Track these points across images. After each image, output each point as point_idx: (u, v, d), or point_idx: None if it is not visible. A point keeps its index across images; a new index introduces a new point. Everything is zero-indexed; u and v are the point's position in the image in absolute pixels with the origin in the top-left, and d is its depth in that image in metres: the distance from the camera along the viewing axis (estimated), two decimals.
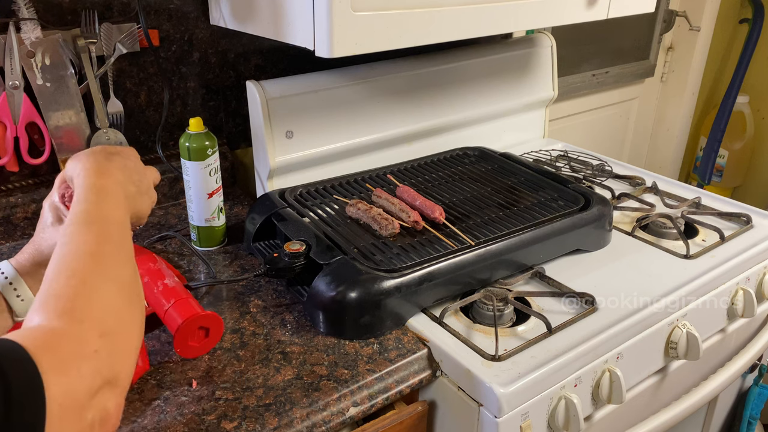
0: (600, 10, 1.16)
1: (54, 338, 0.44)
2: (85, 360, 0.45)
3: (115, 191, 0.61)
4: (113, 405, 0.46)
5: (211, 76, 1.20)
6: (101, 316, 0.49)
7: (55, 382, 0.41)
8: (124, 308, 0.52)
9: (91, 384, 0.44)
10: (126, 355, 0.50)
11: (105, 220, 0.58)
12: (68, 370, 0.43)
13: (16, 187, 1.06)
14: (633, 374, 0.92)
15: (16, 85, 0.97)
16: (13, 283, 0.65)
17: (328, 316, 0.87)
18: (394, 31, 0.90)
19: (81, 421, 0.43)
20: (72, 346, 0.45)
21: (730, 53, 2.31)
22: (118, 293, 0.52)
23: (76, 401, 0.42)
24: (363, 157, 1.25)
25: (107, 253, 0.54)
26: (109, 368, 0.46)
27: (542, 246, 1.00)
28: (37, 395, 0.39)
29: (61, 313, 0.47)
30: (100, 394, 0.45)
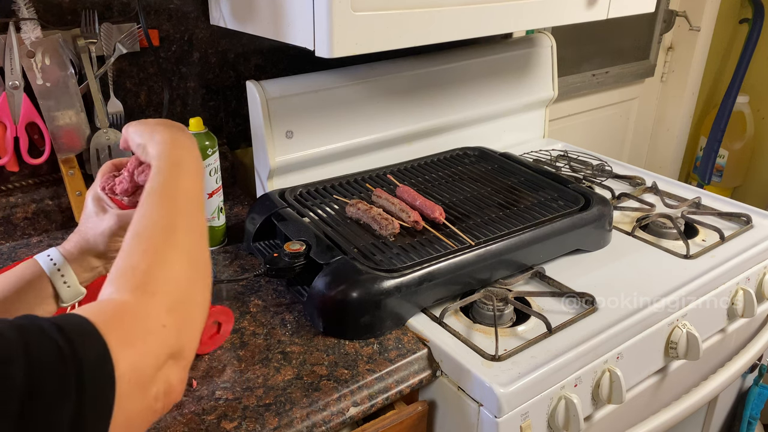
0: (600, 10, 1.16)
1: (124, 313, 0.45)
2: (153, 334, 0.45)
3: (189, 163, 0.62)
4: (177, 378, 0.47)
5: (211, 76, 1.20)
6: (171, 291, 0.49)
7: (123, 357, 0.41)
8: (194, 283, 0.52)
9: (158, 358, 0.45)
10: (192, 329, 0.51)
11: (181, 192, 0.58)
12: (136, 345, 0.43)
13: (16, 187, 1.06)
14: (633, 374, 0.92)
15: (16, 85, 0.97)
16: (61, 269, 0.65)
17: (328, 316, 0.87)
18: (394, 31, 0.90)
19: (146, 395, 0.44)
20: (141, 321, 0.46)
21: (730, 53, 2.31)
22: (190, 267, 0.53)
23: (143, 375, 0.43)
24: (363, 157, 1.25)
25: (181, 226, 0.55)
26: (175, 342, 0.47)
27: (542, 246, 1.00)
28: (107, 371, 0.40)
29: (134, 287, 0.48)
30: (165, 368, 0.46)
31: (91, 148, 1.06)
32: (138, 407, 0.43)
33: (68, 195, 1.08)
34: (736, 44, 2.28)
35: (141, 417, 0.44)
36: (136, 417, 0.43)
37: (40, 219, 1.08)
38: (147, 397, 0.44)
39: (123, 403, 0.41)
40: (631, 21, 2.01)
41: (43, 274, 0.64)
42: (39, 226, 1.09)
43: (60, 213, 1.10)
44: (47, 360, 0.37)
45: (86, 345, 0.40)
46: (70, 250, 0.67)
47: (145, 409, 0.44)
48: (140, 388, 0.43)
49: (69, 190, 1.07)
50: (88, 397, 0.38)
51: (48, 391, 0.36)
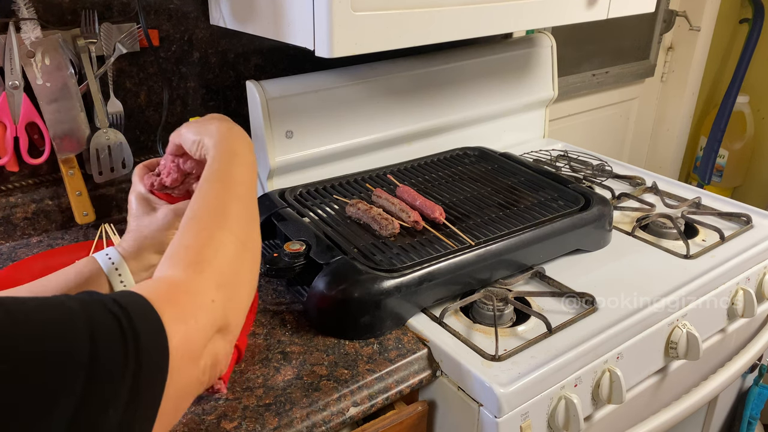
0: (600, 10, 1.16)
1: (177, 290, 0.48)
2: (203, 310, 0.48)
3: (243, 152, 0.65)
4: (223, 352, 0.50)
5: (211, 76, 1.20)
6: (221, 268, 0.52)
7: (176, 331, 0.44)
8: (242, 262, 0.55)
9: (207, 333, 0.47)
10: (238, 306, 0.53)
11: (235, 178, 0.61)
12: (188, 321, 0.46)
13: (16, 187, 1.06)
14: (633, 374, 0.92)
15: (16, 85, 0.97)
16: (118, 269, 0.67)
17: (328, 316, 0.87)
18: (394, 31, 0.90)
19: (196, 367, 0.46)
20: (192, 297, 0.48)
21: (730, 53, 2.31)
22: (239, 247, 0.55)
23: (193, 349, 0.46)
24: (363, 157, 1.25)
25: (235, 211, 0.58)
26: (222, 317, 0.50)
27: (542, 246, 1.00)
28: (161, 344, 0.42)
29: (186, 264, 0.51)
30: (213, 341, 0.48)
31: (90, 148, 1.06)
32: (188, 379, 0.45)
33: (68, 195, 1.08)
34: (736, 44, 2.28)
35: (190, 389, 0.46)
36: (186, 388, 0.45)
37: (40, 219, 1.08)
38: (196, 370, 0.46)
39: (175, 375, 0.43)
40: (631, 21, 2.01)
41: (101, 272, 0.66)
42: (39, 226, 1.09)
43: (60, 213, 1.10)
44: (109, 332, 0.39)
45: (143, 320, 0.42)
46: (127, 248, 0.69)
47: (194, 381, 0.46)
48: (191, 361, 0.45)
49: (69, 190, 1.07)
50: (145, 368, 0.40)
51: (109, 361, 0.38)
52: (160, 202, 0.70)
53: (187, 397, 0.47)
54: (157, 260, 0.69)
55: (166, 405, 0.42)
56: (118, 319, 0.40)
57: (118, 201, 1.15)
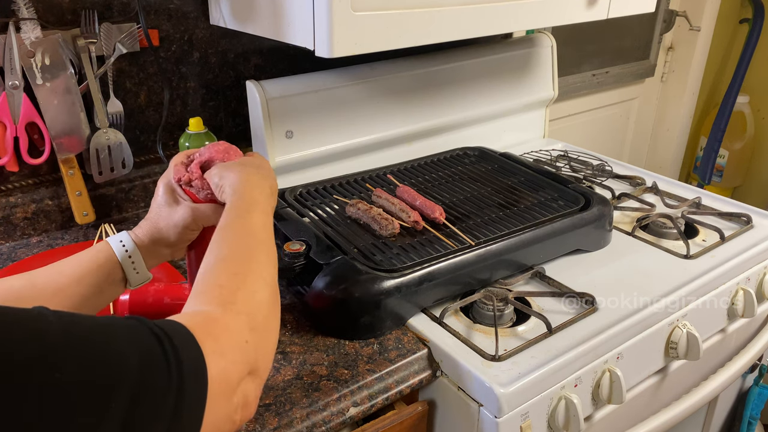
0: (600, 10, 1.16)
1: (215, 325, 0.49)
2: (238, 349, 0.49)
3: (262, 201, 0.66)
4: (253, 394, 0.51)
5: (211, 76, 1.20)
6: (254, 313, 0.53)
7: (215, 364, 0.45)
8: (272, 309, 0.57)
9: (240, 371, 0.49)
10: (268, 350, 0.54)
11: (257, 227, 0.62)
12: (225, 355, 0.47)
13: (16, 187, 1.06)
14: (633, 374, 0.92)
15: (16, 85, 0.97)
16: (132, 256, 0.68)
17: (328, 316, 0.87)
18: (394, 31, 0.90)
19: (230, 403, 0.47)
20: (229, 334, 0.49)
21: (730, 53, 2.31)
22: (270, 295, 0.57)
23: (228, 384, 0.47)
24: (363, 157, 1.25)
25: (262, 256, 0.59)
26: (254, 359, 0.51)
27: (542, 246, 1.00)
28: (201, 372, 0.44)
29: (222, 303, 0.52)
30: (245, 383, 0.49)
31: (90, 148, 1.06)
32: (222, 413, 0.46)
33: (68, 195, 1.08)
34: (736, 44, 2.28)
35: (223, 424, 0.47)
36: (219, 423, 0.46)
37: (40, 219, 1.08)
38: (230, 406, 0.47)
39: (212, 406, 0.44)
40: (631, 21, 2.01)
41: (114, 259, 0.67)
42: (39, 226, 1.08)
43: (60, 213, 1.10)
44: (155, 358, 0.41)
45: (186, 348, 0.44)
46: (141, 237, 0.69)
47: (228, 418, 0.47)
48: (226, 395, 0.47)
49: (69, 190, 1.07)
50: (187, 395, 0.42)
51: (155, 385, 0.40)
52: (185, 198, 0.70)
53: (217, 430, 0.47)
54: (166, 253, 0.71)
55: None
56: (163, 346, 0.42)
57: (118, 201, 1.15)
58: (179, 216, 0.68)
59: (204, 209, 0.68)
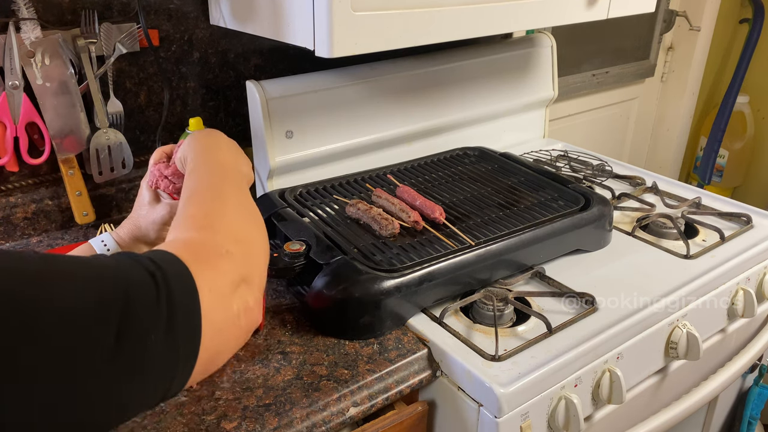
0: (600, 10, 1.16)
1: (194, 244, 0.52)
2: (222, 258, 0.52)
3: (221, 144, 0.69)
4: (252, 299, 0.53)
5: (211, 76, 1.20)
6: (232, 229, 0.56)
7: (200, 275, 0.47)
8: (250, 225, 0.59)
9: (231, 278, 0.51)
10: (256, 258, 0.57)
11: (220, 162, 0.66)
12: (210, 266, 0.50)
13: (16, 187, 1.06)
14: (633, 374, 0.92)
15: (16, 85, 0.97)
16: (112, 253, 0.69)
17: (328, 316, 0.87)
18: (394, 31, 0.90)
19: (228, 309, 0.50)
20: (209, 248, 0.52)
21: (730, 53, 2.31)
22: (243, 212, 0.60)
23: (221, 291, 0.49)
24: (363, 157, 1.25)
25: (229, 183, 0.62)
26: (243, 266, 0.53)
27: (542, 246, 1.00)
28: (189, 284, 0.46)
29: (198, 227, 0.55)
30: (240, 290, 0.51)
31: (90, 148, 1.06)
32: (222, 318, 0.49)
33: (68, 195, 1.08)
34: (736, 44, 2.28)
35: (229, 329, 0.50)
36: (224, 328, 0.49)
37: (40, 219, 1.08)
38: (229, 311, 0.50)
39: (208, 313, 0.46)
40: (631, 21, 2.01)
41: None
42: (39, 226, 1.08)
43: (60, 213, 1.10)
44: (141, 275, 0.44)
45: (169, 265, 0.46)
46: (122, 236, 0.71)
47: (231, 323, 0.50)
48: (221, 301, 0.49)
49: (69, 190, 1.07)
50: (178, 306, 0.44)
51: (145, 299, 0.43)
52: (165, 196, 0.72)
53: (228, 337, 0.50)
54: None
55: (207, 342, 0.46)
56: (149, 269, 0.44)
57: (118, 201, 1.15)
58: (158, 214, 0.70)
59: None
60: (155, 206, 0.71)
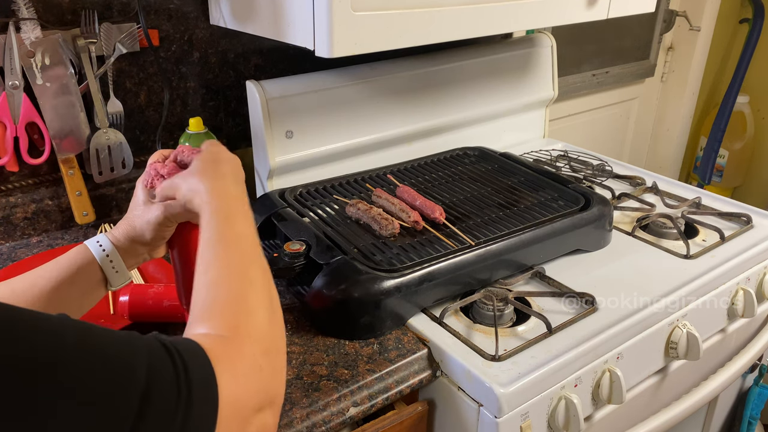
0: (600, 10, 1.16)
1: (228, 347, 0.47)
2: (253, 374, 0.47)
3: (237, 208, 0.64)
4: (272, 421, 0.49)
5: (211, 76, 1.20)
6: (262, 336, 0.51)
7: (227, 386, 0.43)
8: (276, 328, 0.54)
9: (257, 398, 0.47)
10: (281, 375, 0.52)
11: (242, 239, 0.59)
12: (239, 378, 0.45)
13: (16, 187, 1.06)
14: (633, 374, 0.92)
15: (16, 85, 0.97)
16: (110, 255, 0.68)
17: (328, 316, 0.87)
18: (394, 31, 0.90)
19: (244, 430, 0.45)
20: (242, 358, 0.47)
21: (730, 53, 2.31)
22: (271, 313, 0.54)
23: (242, 409, 0.45)
24: (363, 157, 1.25)
25: (256, 273, 0.56)
26: (271, 386, 0.49)
27: (542, 246, 1.00)
28: (212, 393, 0.42)
29: (228, 327, 0.49)
30: (263, 413, 0.47)
31: (90, 148, 1.06)
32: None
33: (68, 195, 1.08)
34: (736, 44, 2.28)
35: None
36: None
37: (40, 219, 1.08)
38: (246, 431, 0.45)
39: (223, 429, 0.43)
40: (631, 21, 2.01)
41: (93, 260, 0.67)
42: (39, 226, 1.08)
43: (60, 213, 1.10)
44: (165, 372, 0.40)
45: (197, 366, 0.42)
46: (118, 237, 0.70)
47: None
48: (238, 421, 0.45)
49: (69, 190, 1.07)
50: (195, 414, 0.41)
51: (163, 399, 0.39)
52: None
53: None
54: (144, 251, 0.71)
55: None
56: (174, 361, 0.41)
57: (118, 201, 1.15)
58: (152, 214, 0.69)
59: (175, 205, 0.68)
60: (150, 206, 0.69)
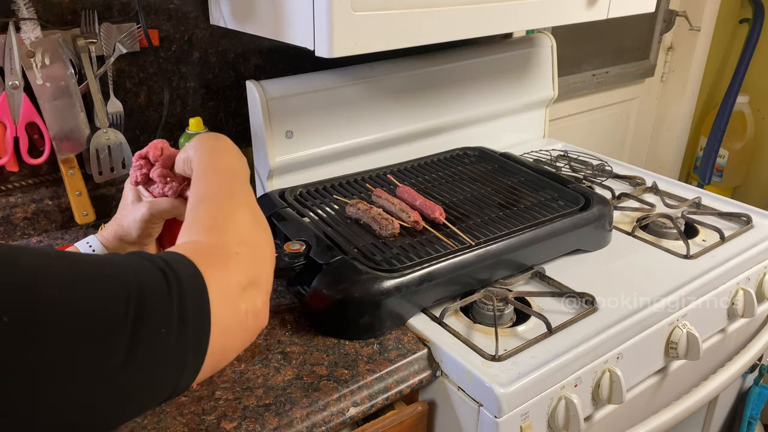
0: (600, 10, 1.16)
1: (203, 246, 0.53)
2: (231, 259, 0.53)
3: (229, 149, 0.70)
4: (260, 302, 0.54)
5: (211, 76, 1.20)
6: (239, 230, 0.57)
7: (210, 274, 0.48)
8: (256, 227, 0.60)
9: (239, 278, 0.52)
10: (263, 261, 0.57)
11: (228, 167, 0.67)
12: (219, 266, 0.51)
13: (15, 187, 1.06)
14: (633, 374, 0.92)
15: (16, 85, 0.97)
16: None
17: (328, 316, 0.87)
18: (394, 31, 0.90)
19: (237, 310, 0.51)
20: (217, 250, 0.53)
21: (730, 53, 2.31)
22: (251, 216, 0.61)
23: (229, 290, 0.50)
24: (363, 157, 1.25)
25: (237, 189, 0.63)
26: (250, 268, 0.54)
27: (542, 246, 1.00)
28: (199, 283, 0.47)
29: (206, 230, 0.56)
30: (248, 292, 0.52)
31: (90, 148, 1.06)
32: (231, 320, 0.50)
33: (68, 195, 1.08)
34: (736, 44, 2.28)
35: (236, 329, 0.51)
36: (232, 328, 0.50)
37: (40, 219, 1.08)
38: (238, 312, 0.50)
39: (217, 313, 0.47)
40: (631, 21, 2.01)
41: None
42: (39, 226, 1.08)
43: (60, 213, 1.10)
44: (153, 274, 0.45)
45: (181, 266, 0.47)
46: (107, 237, 0.72)
47: (240, 325, 0.51)
48: (230, 301, 0.50)
49: (69, 190, 1.07)
50: (189, 303, 0.45)
51: (157, 296, 0.43)
52: (146, 195, 0.73)
53: (235, 337, 0.51)
54: (132, 250, 0.73)
55: (215, 341, 0.47)
56: (161, 267, 0.45)
57: (118, 201, 1.13)
58: (139, 212, 0.71)
59: (160, 202, 0.71)
60: (137, 204, 0.72)
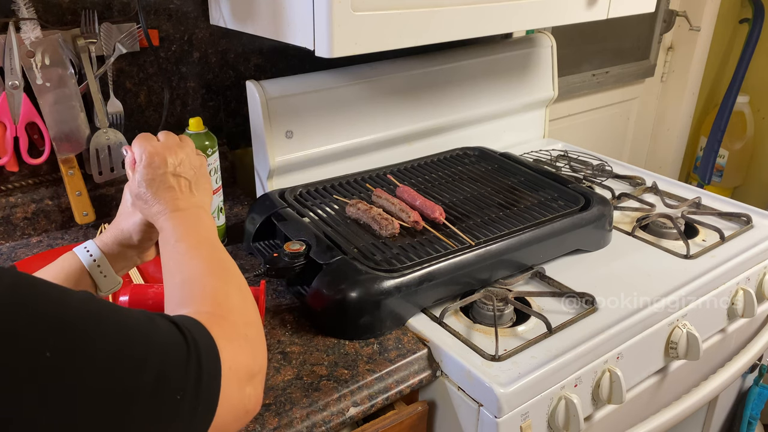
0: (600, 10, 1.16)
1: (216, 319, 0.52)
2: (243, 340, 0.52)
3: (196, 215, 0.67)
4: (260, 387, 0.53)
5: (211, 76, 1.20)
6: (241, 311, 0.56)
7: (224, 347, 0.48)
8: (250, 307, 0.59)
9: (248, 362, 0.51)
10: (263, 346, 0.56)
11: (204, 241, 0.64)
12: (233, 342, 0.50)
13: (16, 187, 1.06)
14: (633, 374, 0.92)
15: (16, 85, 0.97)
16: (97, 260, 0.70)
17: (328, 316, 0.87)
18: (394, 31, 0.90)
19: (241, 391, 0.50)
20: (231, 327, 0.52)
21: (730, 53, 2.31)
22: (242, 295, 0.59)
23: (238, 370, 0.50)
24: (363, 157, 1.25)
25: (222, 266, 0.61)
26: (257, 355, 0.53)
27: (542, 246, 1.00)
28: (215, 355, 0.47)
29: (210, 307, 0.54)
30: (253, 381, 0.52)
31: (90, 148, 1.06)
32: (236, 399, 0.49)
33: (68, 195, 1.08)
34: (736, 44, 2.28)
35: (238, 410, 0.49)
36: (234, 407, 0.49)
37: (40, 219, 1.08)
38: (243, 393, 0.50)
39: (225, 389, 0.47)
40: (631, 21, 2.01)
41: (82, 267, 0.69)
42: (39, 226, 1.08)
43: (60, 213, 1.10)
44: (175, 336, 0.45)
45: (200, 334, 0.47)
46: (106, 241, 0.71)
47: (241, 406, 0.50)
48: (237, 381, 0.49)
49: (69, 190, 1.07)
50: (205, 371, 0.45)
51: (177, 359, 0.44)
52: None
53: (234, 417, 0.49)
54: (133, 254, 0.73)
55: (219, 415, 0.46)
56: (182, 331, 0.46)
57: (118, 201, 1.14)
58: (138, 215, 0.70)
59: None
60: (135, 209, 0.71)
